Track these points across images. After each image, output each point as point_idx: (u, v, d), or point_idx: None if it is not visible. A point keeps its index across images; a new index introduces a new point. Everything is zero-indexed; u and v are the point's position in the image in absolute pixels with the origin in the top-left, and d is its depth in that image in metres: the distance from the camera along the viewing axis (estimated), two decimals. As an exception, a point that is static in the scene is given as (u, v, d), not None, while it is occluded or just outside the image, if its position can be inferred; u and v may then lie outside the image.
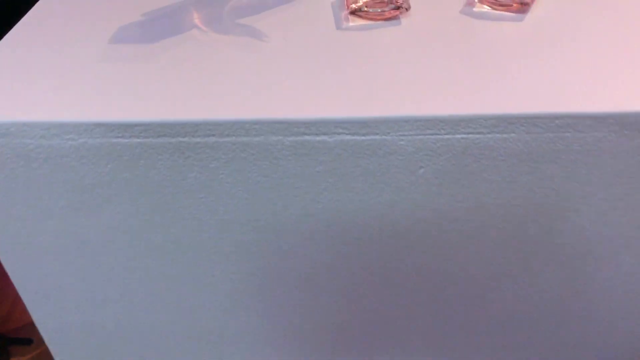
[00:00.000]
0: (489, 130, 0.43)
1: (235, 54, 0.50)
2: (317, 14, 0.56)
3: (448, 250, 0.50)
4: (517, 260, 0.51)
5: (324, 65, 0.48)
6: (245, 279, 0.54)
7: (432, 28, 0.52)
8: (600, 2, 0.54)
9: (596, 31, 0.50)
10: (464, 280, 0.53)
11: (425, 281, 0.53)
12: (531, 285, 0.53)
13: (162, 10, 0.57)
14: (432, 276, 0.53)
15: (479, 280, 0.53)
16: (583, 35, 0.50)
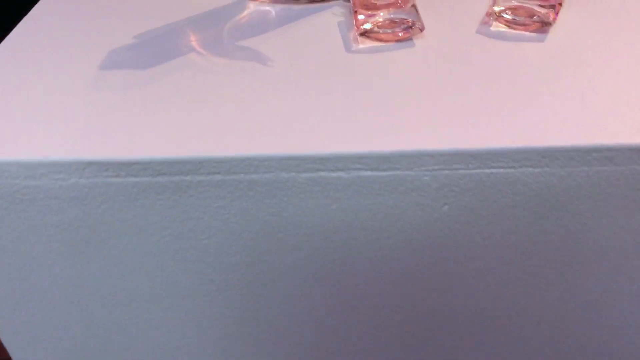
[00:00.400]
0: (521, 165, 0.40)
1: (239, 81, 0.46)
2: (324, 34, 0.52)
3: (472, 290, 0.47)
4: (545, 299, 0.47)
5: (337, 93, 0.44)
6: (251, 323, 0.50)
7: (448, 50, 0.49)
8: (625, 18, 0.51)
9: (627, 52, 0.47)
10: (488, 320, 0.49)
11: (448, 322, 0.49)
12: (562, 322, 0.50)
13: (155, 32, 0.53)
14: (455, 316, 0.49)
15: (504, 319, 0.49)
16: (613, 56, 0.46)
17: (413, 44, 0.50)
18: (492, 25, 0.52)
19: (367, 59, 0.48)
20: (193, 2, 0.57)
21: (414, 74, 0.46)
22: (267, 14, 0.55)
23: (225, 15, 0.55)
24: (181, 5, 0.57)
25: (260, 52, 0.50)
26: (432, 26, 0.51)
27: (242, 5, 0.57)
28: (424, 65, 0.47)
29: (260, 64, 0.48)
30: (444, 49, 0.49)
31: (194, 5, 0.57)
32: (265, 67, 0.48)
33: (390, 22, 0.50)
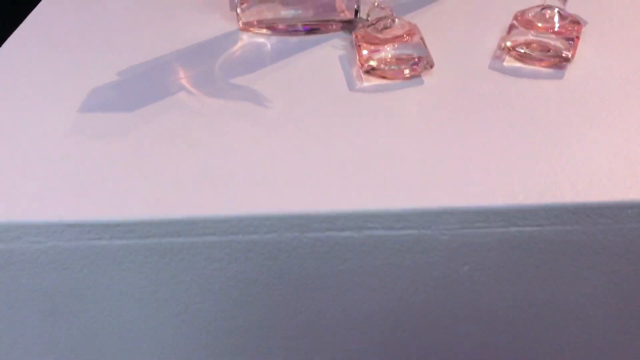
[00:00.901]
0: (550, 222, 0.36)
1: (234, 125, 0.42)
2: (324, 70, 0.48)
3: (492, 353, 0.43)
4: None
5: (343, 140, 0.40)
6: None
7: (460, 89, 0.45)
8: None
9: (650, 92, 0.44)
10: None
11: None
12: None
13: (141, 67, 0.49)
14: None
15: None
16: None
17: (422, 81, 0.46)
18: (505, 60, 0.48)
19: (372, 100, 0.44)
20: (181, 34, 0.53)
21: (426, 117, 0.42)
22: (261, 47, 0.51)
23: (216, 48, 0.51)
24: (168, 37, 0.53)
25: (256, 91, 0.46)
26: (441, 62, 0.47)
27: (235, 36, 0.53)
28: (435, 107, 0.43)
29: (256, 105, 0.44)
30: (456, 87, 0.45)
31: (181, 37, 0.53)
32: (263, 109, 0.44)
33: (397, 59, 0.46)
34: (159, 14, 0.57)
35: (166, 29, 0.54)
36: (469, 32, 0.52)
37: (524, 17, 0.49)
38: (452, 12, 0.55)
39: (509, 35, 0.48)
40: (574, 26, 0.48)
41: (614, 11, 0.55)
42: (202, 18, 0.55)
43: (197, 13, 0.56)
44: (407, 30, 0.48)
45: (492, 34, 0.52)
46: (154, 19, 0.56)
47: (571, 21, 0.48)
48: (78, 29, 0.55)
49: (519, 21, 0.49)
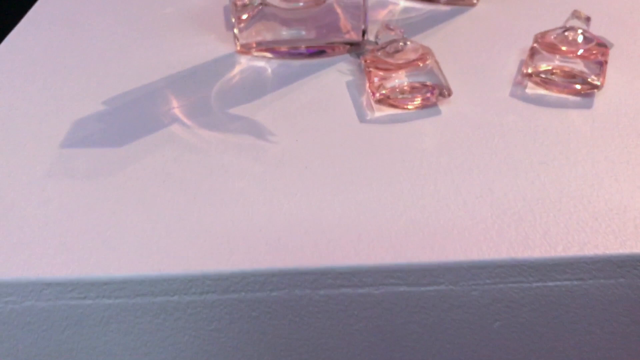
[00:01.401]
0: (592, 276, 0.32)
1: (234, 163, 0.38)
2: (331, 98, 0.44)
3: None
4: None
5: (356, 180, 0.36)
6: None
7: (481, 120, 0.41)
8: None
9: (688, 123, 0.40)
10: None
11: None
12: None
13: (130, 95, 0.45)
14: None
15: None
16: (675, 129, 0.39)
17: (438, 111, 0.42)
18: (527, 86, 0.44)
19: (386, 133, 0.40)
20: (173, 58, 0.49)
21: (446, 152, 0.38)
22: (262, 72, 0.47)
23: (212, 73, 0.47)
24: (159, 62, 0.49)
25: (257, 123, 0.42)
26: (457, 88, 0.43)
27: (232, 60, 0.49)
28: (455, 140, 0.39)
29: (258, 139, 0.40)
30: (476, 118, 0.41)
31: (174, 61, 0.49)
32: (265, 144, 0.40)
33: (411, 87, 0.42)
34: (149, 36, 0.52)
35: (157, 53, 0.50)
36: (485, 55, 0.48)
37: (546, 40, 0.45)
38: (465, 33, 0.51)
39: (530, 60, 0.45)
40: (600, 49, 0.44)
41: (638, 31, 0.51)
42: (196, 40, 0.51)
43: (191, 34, 0.52)
44: (420, 54, 0.44)
45: (510, 56, 0.48)
46: (143, 42, 0.51)
47: (597, 44, 0.45)
48: (60, 52, 0.51)
49: (540, 44, 0.45)
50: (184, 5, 0.57)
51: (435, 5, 0.56)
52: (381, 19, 0.54)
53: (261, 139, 0.40)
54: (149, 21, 0.54)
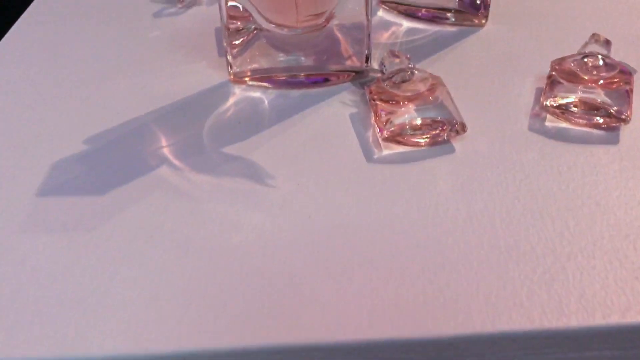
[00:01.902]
0: (634, 345, 0.29)
1: (230, 212, 0.34)
2: (334, 134, 0.40)
3: None
4: None
5: (364, 234, 0.33)
6: None
7: (499, 159, 0.38)
8: None
9: None
10: None
11: None
12: None
13: (113, 133, 0.41)
14: None
15: None
16: None
17: (452, 148, 0.39)
18: (546, 119, 0.41)
19: (396, 174, 0.37)
20: (161, 89, 0.45)
21: (463, 197, 0.35)
22: (258, 104, 0.44)
23: (204, 106, 0.43)
24: (146, 94, 0.45)
25: (254, 164, 0.38)
26: (471, 122, 0.40)
27: (225, 90, 0.45)
28: (473, 183, 0.36)
29: (255, 183, 0.36)
30: (493, 156, 0.38)
31: (162, 92, 0.45)
32: (264, 188, 0.36)
33: (422, 123, 0.39)
34: (134, 63, 0.48)
35: (143, 83, 0.46)
36: (498, 82, 0.45)
37: (564, 67, 0.42)
38: (475, 57, 0.48)
39: (549, 90, 0.41)
40: (624, 77, 0.41)
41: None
42: (186, 68, 0.48)
43: (180, 61, 0.48)
44: (430, 85, 0.40)
45: (525, 83, 0.44)
46: (128, 71, 0.47)
47: (620, 70, 0.41)
48: (35, 85, 0.47)
49: (557, 72, 0.42)
50: (172, 28, 0.53)
51: (441, 26, 0.52)
52: (384, 41, 0.51)
53: (259, 182, 0.37)
54: (134, 47, 0.51)
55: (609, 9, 0.53)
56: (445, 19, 0.52)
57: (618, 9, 0.53)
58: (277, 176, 0.37)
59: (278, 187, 0.36)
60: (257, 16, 0.44)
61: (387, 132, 0.38)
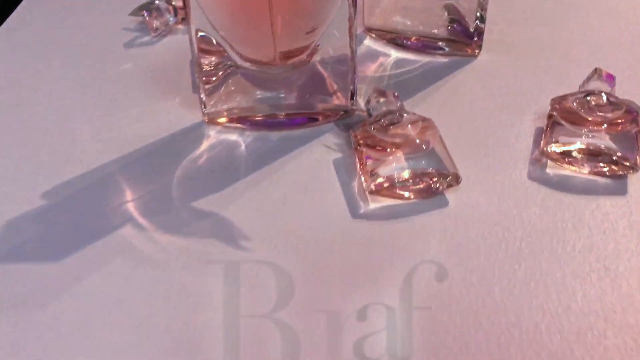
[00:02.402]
0: None
1: (198, 283, 0.31)
2: (316, 185, 0.37)
3: None
4: None
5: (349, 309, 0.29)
6: None
7: (497, 213, 0.34)
8: None
9: None
10: None
11: None
12: None
13: (72, 187, 0.37)
14: None
15: None
16: None
17: (445, 201, 0.35)
18: (547, 165, 0.38)
19: (384, 233, 0.33)
20: (127, 130, 0.41)
21: (457, 260, 0.31)
22: (234, 148, 0.40)
23: (175, 151, 0.40)
24: (112, 137, 0.41)
25: (228, 223, 0.34)
26: (466, 169, 0.36)
27: (199, 133, 0.41)
28: (468, 243, 0.32)
29: (229, 246, 0.33)
30: (491, 211, 0.34)
31: (130, 135, 0.41)
32: (238, 252, 0.33)
33: (412, 174, 0.35)
34: (101, 101, 0.45)
35: (109, 125, 0.42)
36: (494, 121, 0.41)
37: (565, 106, 0.39)
38: (468, 92, 0.44)
39: (550, 133, 0.38)
40: (630, 117, 0.38)
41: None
42: (157, 106, 0.44)
43: (151, 98, 0.45)
44: (420, 130, 0.37)
45: (523, 122, 0.41)
46: (94, 110, 0.44)
47: (627, 110, 0.38)
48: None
49: (558, 111, 0.39)
50: (144, 60, 0.49)
51: (432, 56, 0.49)
52: (371, 74, 0.47)
53: (232, 245, 0.33)
54: (103, 81, 0.47)
55: (612, 39, 0.50)
56: (436, 49, 0.49)
57: (621, 38, 0.50)
58: (252, 237, 0.33)
59: (253, 251, 0.33)
60: (231, 52, 0.40)
61: (373, 186, 0.35)
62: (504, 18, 0.53)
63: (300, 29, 0.40)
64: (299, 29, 0.40)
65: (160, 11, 0.52)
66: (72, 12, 0.57)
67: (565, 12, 0.54)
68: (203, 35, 0.40)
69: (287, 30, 0.39)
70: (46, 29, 0.54)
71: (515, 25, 0.52)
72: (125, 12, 0.55)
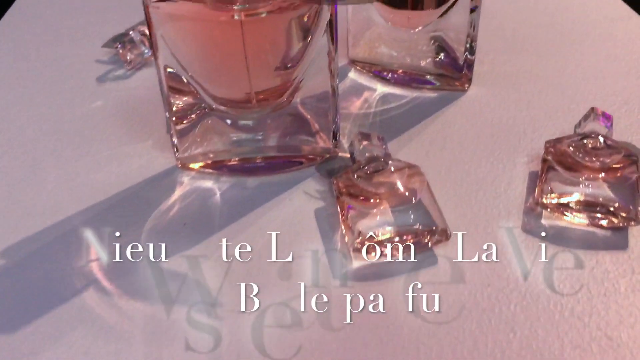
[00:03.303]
0: None
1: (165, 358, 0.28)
2: (295, 240, 0.34)
3: None
4: None
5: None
6: None
7: (490, 275, 0.32)
8: None
9: None
10: None
11: None
12: None
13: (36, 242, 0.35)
14: None
15: None
16: None
17: (434, 258, 0.33)
18: (542, 215, 0.35)
19: (370, 292, 0.31)
20: (97, 178, 0.39)
21: (446, 333, 0.29)
22: (208, 198, 0.38)
23: (145, 201, 0.37)
24: (79, 184, 0.38)
25: (200, 286, 0.32)
26: (456, 220, 0.34)
27: (172, 179, 0.39)
28: (460, 313, 0.30)
29: (199, 313, 0.30)
30: (483, 272, 0.32)
31: (98, 182, 0.38)
32: (210, 322, 0.30)
33: (398, 230, 0.33)
34: (69, 143, 0.42)
35: (76, 171, 0.40)
36: (485, 164, 0.39)
37: (559, 150, 0.37)
38: (457, 132, 0.42)
39: (544, 181, 0.35)
40: (629, 162, 0.36)
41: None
42: (128, 149, 0.41)
43: (122, 139, 0.42)
44: (407, 178, 0.35)
45: (516, 165, 0.39)
46: (62, 154, 0.41)
47: (626, 155, 0.36)
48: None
49: (553, 156, 0.36)
50: (117, 96, 0.47)
51: (419, 91, 0.46)
52: (355, 111, 0.45)
53: (203, 313, 0.30)
54: (73, 120, 0.44)
55: (609, 70, 0.48)
56: (424, 82, 0.47)
57: (618, 69, 0.48)
58: (225, 303, 0.31)
59: (225, 319, 0.30)
60: (204, 95, 0.38)
61: (357, 243, 0.32)
62: (495, 47, 0.51)
63: (275, 66, 0.37)
64: (274, 67, 0.37)
65: (134, 43, 0.50)
66: (43, 43, 0.54)
67: (559, 41, 0.52)
68: (173, 72, 0.37)
69: (262, 69, 0.37)
70: (16, 61, 0.52)
71: (507, 55, 0.50)
72: (100, 42, 0.52)
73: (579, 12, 0.57)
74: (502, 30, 0.54)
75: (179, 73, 0.37)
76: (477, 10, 0.43)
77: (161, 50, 0.36)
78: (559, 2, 0.59)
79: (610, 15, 0.56)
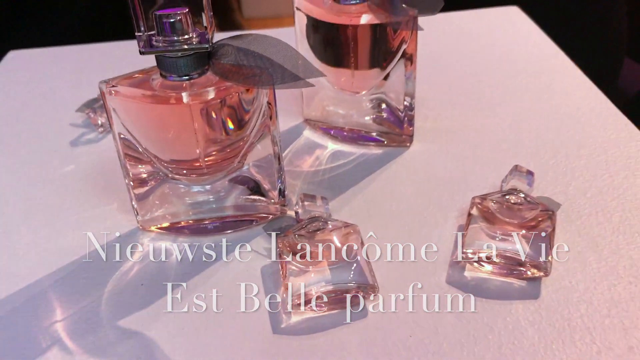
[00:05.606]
0: None
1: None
2: (239, 298, 0.38)
3: None
4: None
5: None
6: None
7: (413, 324, 0.35)
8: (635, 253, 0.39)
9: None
10: None
11: None
12: None
13: (5, 305, 0.38)
14: None
15: None
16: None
17: (365, 311, 0.36)
18: (466, 268, 0.39)
19: (302, 349, 0.34)
20: (64, 241, 0.43)
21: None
22: (165, 258, 0.41)
23: (108, 262, 0.41)
24: (48, 249, 0.42)
25: (151, 344, 0.35)
26: (388, 272, 0.38)
27: (133, 240, 0.42)
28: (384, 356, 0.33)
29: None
30: (407, 322, 0.35)
31: (65, 245, 0.42)
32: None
33: (332, 288, 0.36)
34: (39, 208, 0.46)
35: (46, 236, 0.43)
36: (420, 222, 0.43)
37: (484, 206, 0.40)
38: (398, 187, 0.46)
39: (468, 235, 0.39)
40: (546, 216, 0.39)
41: (587, 186, 0.47)
42: (95, 212, 0.45)
43: (90, 203, 0.46)
44: (343, 236, 0.38)
45: (448, 219, 0.42)
46: (32, 220, 0.45)
47: (542, 210, 0.40)
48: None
49: (479, 211, 0.40)
50: (87, 159, 0.51)
51: (366, 147, 0.50)
52: (307, 169, 0.49)
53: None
54: (44, 187, 0.48)
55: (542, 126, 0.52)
56: (370, 140, 0.51)
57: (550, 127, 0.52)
58: (174, 357, 0.34)
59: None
60: (159, 165, 0.41)
61: (295, 304, 0.36)
62: (439, 102, 0.55)
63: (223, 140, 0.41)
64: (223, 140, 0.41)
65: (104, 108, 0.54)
66: (22, 108, 0.58)
67: (501, 93, 0.56)
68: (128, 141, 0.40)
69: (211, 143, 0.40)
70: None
71: (449, 110, 0.54)
72: (74, 106, 0.56)
73: (523, 63, 0.61)
74: (448, 84, 0.58)
75: (134, 143, 0.40)
76: (411, 75, 0.47)
77: (116, 123, 0.40)
78: (504, 52, 0.63)
79: (551, 67, 0.60)
